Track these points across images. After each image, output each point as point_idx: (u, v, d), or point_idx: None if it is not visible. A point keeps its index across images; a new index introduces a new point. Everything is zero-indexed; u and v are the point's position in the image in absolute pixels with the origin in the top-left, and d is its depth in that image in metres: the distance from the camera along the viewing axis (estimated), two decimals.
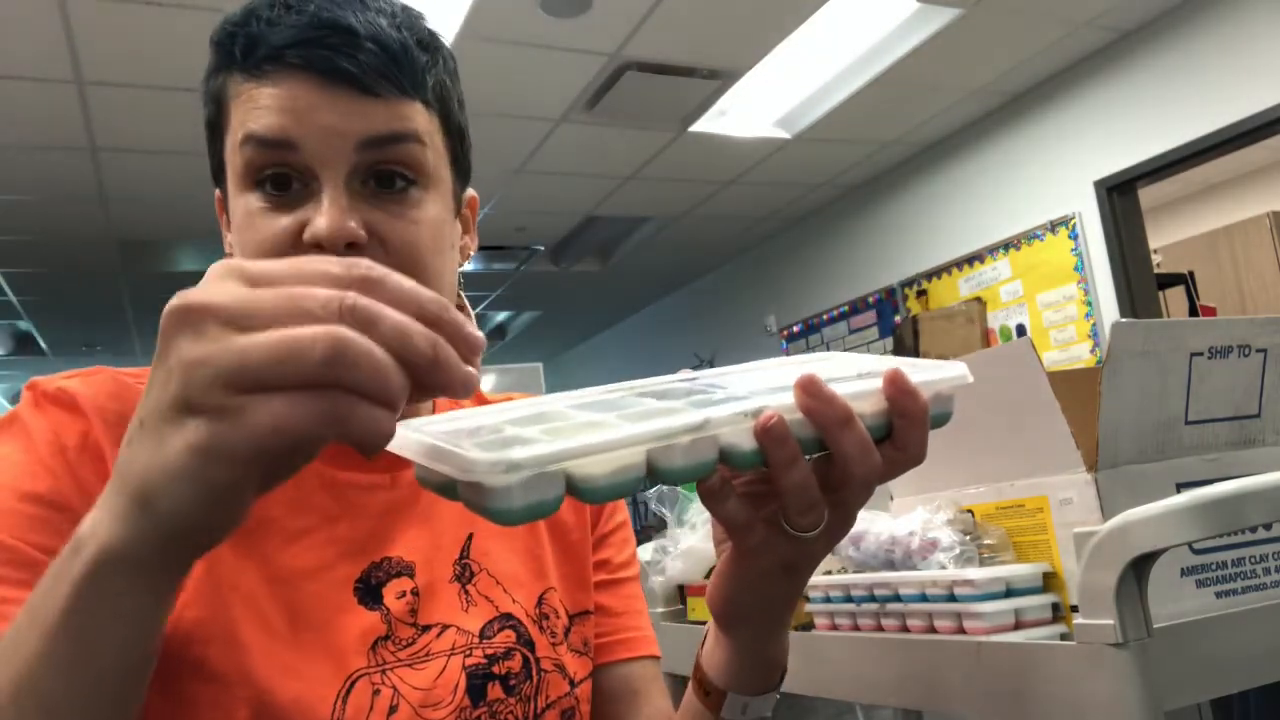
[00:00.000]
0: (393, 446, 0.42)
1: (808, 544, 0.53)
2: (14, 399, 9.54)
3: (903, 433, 0.50)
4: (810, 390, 0.47)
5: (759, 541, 0.54)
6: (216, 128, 0.66)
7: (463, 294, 0.75)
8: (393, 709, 0.61)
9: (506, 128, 4.08)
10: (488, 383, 4.75)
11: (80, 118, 3.57)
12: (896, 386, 0.49)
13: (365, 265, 0.39)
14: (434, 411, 0.75)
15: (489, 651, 0.66)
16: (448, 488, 0.43)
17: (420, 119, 0.64)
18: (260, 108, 0.61)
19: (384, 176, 0.63)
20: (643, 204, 5.32)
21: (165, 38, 3.05)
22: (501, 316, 7.95)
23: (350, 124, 0.61)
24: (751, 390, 0.50)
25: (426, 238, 0.64)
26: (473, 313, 0.77)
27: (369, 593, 0.64)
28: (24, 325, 6.62)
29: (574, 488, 0.42)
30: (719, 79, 3.83)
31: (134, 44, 3.09)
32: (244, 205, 0.63)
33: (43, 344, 7.17)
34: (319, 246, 0.60)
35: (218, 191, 0.70)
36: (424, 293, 0.39)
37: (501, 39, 3.34)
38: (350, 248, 0.60)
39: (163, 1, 2.87)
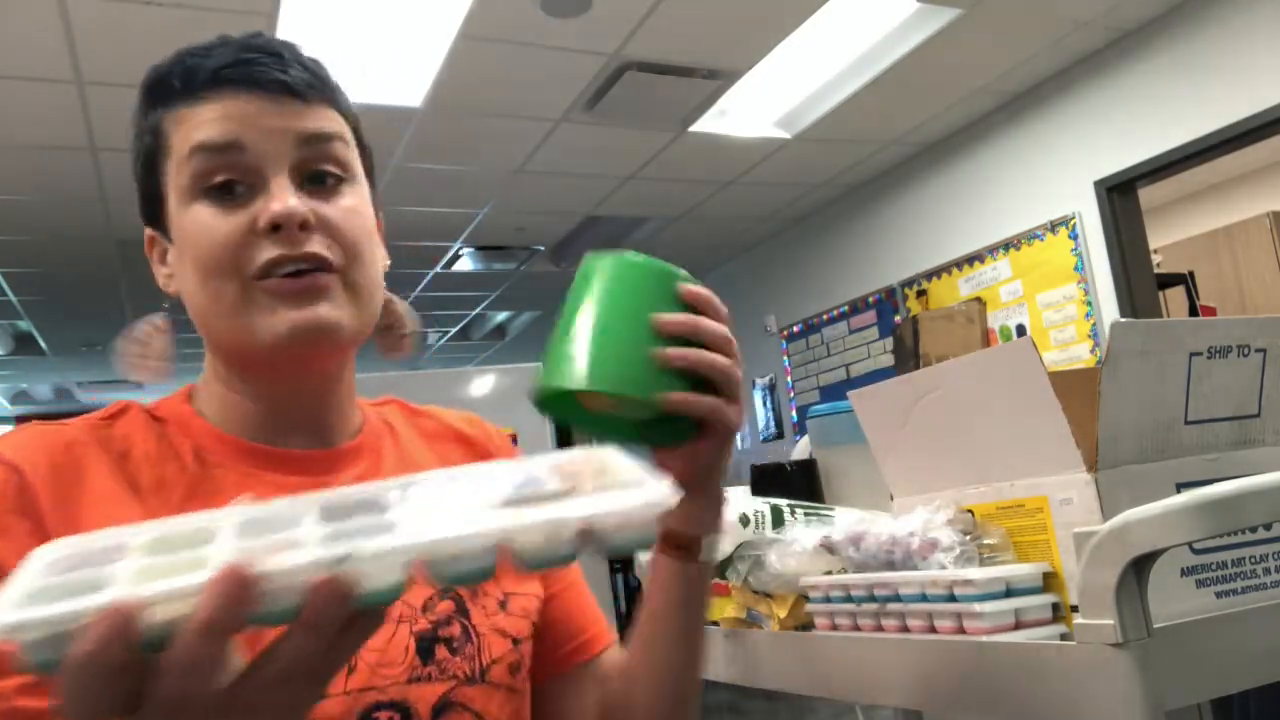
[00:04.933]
0: None
1: None
2: (14, 398, 9.55)
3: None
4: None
5: None
6: (153, 160, 0.71)
7: (392, 294, 0.81)
8: (351, 669, 0.66)
9: (506, 128, 4.08)
10: (487, 383, 4.74)
11: (80, 118, 3.57)
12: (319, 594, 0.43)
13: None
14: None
15: (432, 619, 0.72)
16: None
17: (340, 124, 0.73)
18: (205, 121, 0.68)
19: (316, 175, 0.70)
20: (643, 204, 5.32)
21: (165, 38, 3.04)
22: (501, 316, 7.95)
23: (289, 123, 0.69)
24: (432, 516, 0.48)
25: (362, 225, 0.72)
26: (410, 314, 0.84)
27: None
28: (24, 325, 6.62)
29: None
30: (719, 79, 3.83)
31: (134, 44, 3.09)
32: (192, 217, 0.68)
33: (43, 344, 7.17)
34: (273, 230, 0.66)
35: (148, 231, 0.75)
36: None
37: (501, 39, 3.34)
38: (302, 229, 0.67)
39: (163, 1, 2.87)
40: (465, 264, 6.12)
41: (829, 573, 1.01)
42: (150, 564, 0.44)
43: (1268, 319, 0.90)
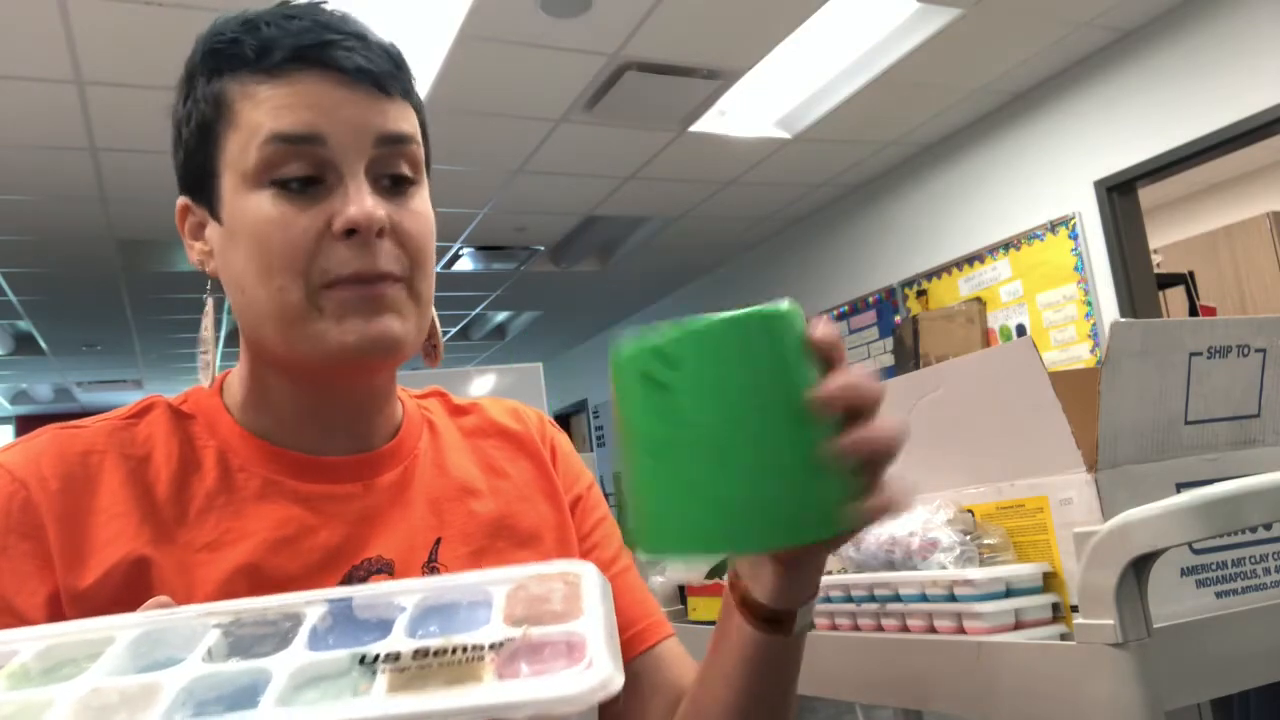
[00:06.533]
0: None
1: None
2: (14, 398, 9.54)
3: None
4: None
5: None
6: (210, 131, 0.66)
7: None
8: None
9: (506, 128, 4.08)
10: (487, 383, 4.74)
11: (80, 118, 3.57)
12: None
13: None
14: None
15: None
16: None
17: (415, 122, 0.69)
18: (283, 106, 0.63)
19: (389, 175, 0.67)
20: (643, 204, 5.32)
21: (165, 38, 3.05)
22: (501, 316, 7.95)
23: (371, 119, 0.65)
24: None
25: (429, 230, 0.69)
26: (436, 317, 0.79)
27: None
28: (24, 325, 6.62)
29: None
30: (719, 79, 3.83)
31: (134, 44, 3.08)
32: (256, 205, 0.64)
33: (43, 344, 7.17)
34: (348, 234, 0.63)
35: (183, 199, 0.70)
36: None
37: (501, 39, 3.34)
38: (377, 236, 0.64)
39: (163, 1, 2.87)
40: (465, 264, 6.11)
41: (829, 572, 1.01)
42: None
43: (1268, 319, 0.90)
